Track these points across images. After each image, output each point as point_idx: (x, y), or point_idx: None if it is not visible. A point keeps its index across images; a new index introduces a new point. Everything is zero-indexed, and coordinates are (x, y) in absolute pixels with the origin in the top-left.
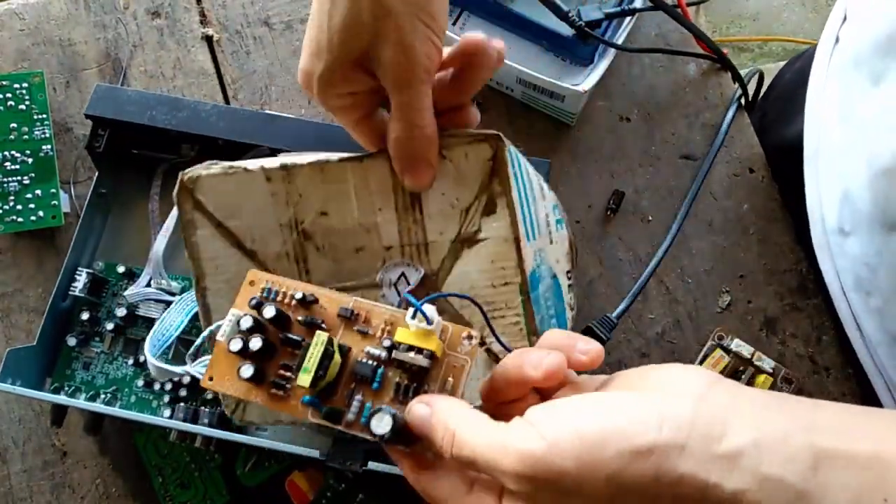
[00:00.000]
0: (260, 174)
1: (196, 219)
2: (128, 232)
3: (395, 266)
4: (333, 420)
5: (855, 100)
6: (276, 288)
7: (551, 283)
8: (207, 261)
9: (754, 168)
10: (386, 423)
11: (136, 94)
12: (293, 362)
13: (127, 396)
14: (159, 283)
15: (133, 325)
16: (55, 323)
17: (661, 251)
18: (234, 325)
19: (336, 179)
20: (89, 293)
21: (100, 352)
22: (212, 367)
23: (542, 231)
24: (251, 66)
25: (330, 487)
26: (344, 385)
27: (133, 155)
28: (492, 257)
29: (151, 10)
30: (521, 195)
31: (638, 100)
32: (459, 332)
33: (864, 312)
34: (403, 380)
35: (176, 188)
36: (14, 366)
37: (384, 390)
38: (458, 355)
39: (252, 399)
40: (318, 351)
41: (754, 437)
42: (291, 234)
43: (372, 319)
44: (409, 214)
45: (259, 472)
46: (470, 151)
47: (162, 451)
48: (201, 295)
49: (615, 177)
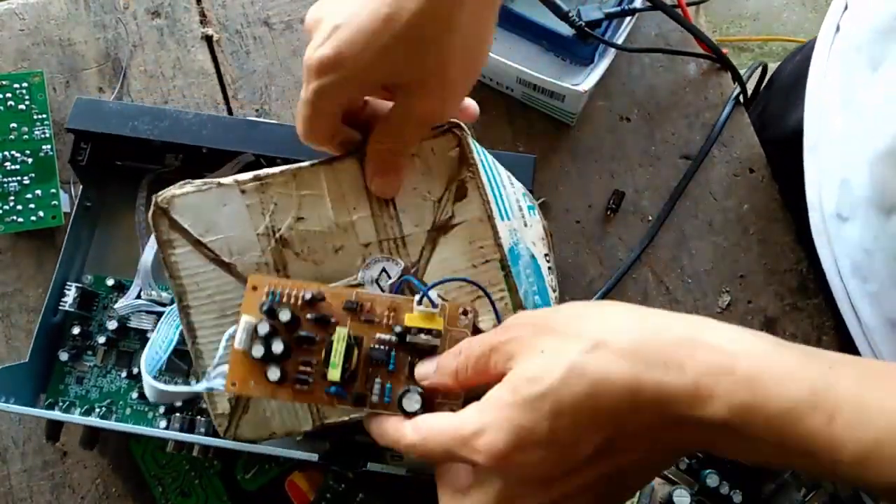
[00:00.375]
0: (234, 187)
1: (173, 238)
2: (115, 244)
3: (375, 262)
4: (360, 403)
5: (856, 86)
6: (280, 290)
7: (530, 261)
8: (188, 278)
9: (754, 168)
10: (416, 401)
11: (117, 105)
12: (311, 358)
13: (122, 409)
14: (149, 295)
15: (125, 337)
16: (47, 338)
17: (646, 240)
18: (251, 331)
19: (309, 184)
20: (79, 307)
21: (93, 365)
22: (232, 373)
23: (515, 213)
24: (251, 65)
25: (330, 488)
26: (362, 371)
27: (117, 166)
28: (469, 238)
29: (151, 9)
30: (489, 178)
31: (638, 100)
32: (456, 308)
33: (861, 298)
34: (414, 359)
35: (150, 211)
36: (7, 383)
37: (399, 370)
38: (458, 329)
39: (278, 397)
40: (341, 346)
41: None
42: (269, 242)
43: (376, 308)
44: (383, 211)
45: (259, 476)
46: (435, 146)
47: (160, 462)
48: (185, 314)
49: (615, 177)
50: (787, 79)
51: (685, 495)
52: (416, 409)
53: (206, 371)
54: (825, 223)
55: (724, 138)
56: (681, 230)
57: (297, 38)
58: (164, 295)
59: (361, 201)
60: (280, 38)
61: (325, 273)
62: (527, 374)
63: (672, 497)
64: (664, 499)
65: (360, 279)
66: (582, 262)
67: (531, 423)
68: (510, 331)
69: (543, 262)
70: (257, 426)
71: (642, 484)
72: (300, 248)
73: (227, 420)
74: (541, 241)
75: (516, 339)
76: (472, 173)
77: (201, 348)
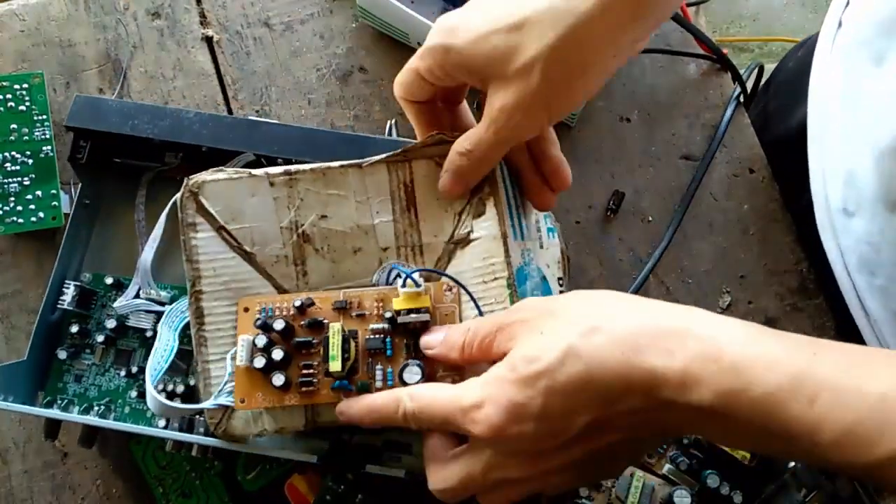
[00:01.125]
0: (264, 179)
1: (198, 221)
2: (114, 242)
3: (391, 267)
4: (365, 391)
5: (859, 81)
6: (270, 305)
7: (540, 282)
8: (205, 263)
9: (754, 168)
10: (416, 372)
11: (116, 103)
12: (312, 361)
13: (121, 408)
14: (148, 294)
15: (124, 336)
16: (45, 336)
17: (660, 251)
18: (250, 347)
19: (336, 184)
20: (78, 305)
21: (91, 364)
22: (239, 391)
23: (532, 235)
24: (251, 66)
25: (329, 489)
26: (362, 362)
27: (116, 164)
28: (482, 254)
29: (151, 10)
30: (507, 196)
31: (638, 100)
32: (441, 286)
33: (868, 292)
34: (410, 340)
35: (181, 192)
36: (5, 381)
37: (397, 354)
38: (446, 305)
39: (287, 403)
40: (337, 339)
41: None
42: (291, 236)
43: (364, 303)
44: (405, 217)
45: (260, 477)
46: None
47: (161, 462)
48: (195, 299)
49: (615, 177)
50: (789, 75)
51: (685, 495)
52: (417, 381)
53: (207, 378)
54: (831, 218)
55: (724, 139)
56: (681, 230)
57: (296, 38)
58: (164, 294)
59: (385, 206)
60: (280, 38)
61: (340, 272)
62: (526, 354)
63: (672, 497)
64: (664, 499)
65: (375, 281)
66: (582, 263)
67: (526, 400)
68: (516, 313)
69: (555, 285)
70: (248, 422)
71: (627, 464)
72: (321, 245)
73: (218, 415)
74: (556, 264)
75: (520, 320)
76: (493, 190)
77: (206, 335)
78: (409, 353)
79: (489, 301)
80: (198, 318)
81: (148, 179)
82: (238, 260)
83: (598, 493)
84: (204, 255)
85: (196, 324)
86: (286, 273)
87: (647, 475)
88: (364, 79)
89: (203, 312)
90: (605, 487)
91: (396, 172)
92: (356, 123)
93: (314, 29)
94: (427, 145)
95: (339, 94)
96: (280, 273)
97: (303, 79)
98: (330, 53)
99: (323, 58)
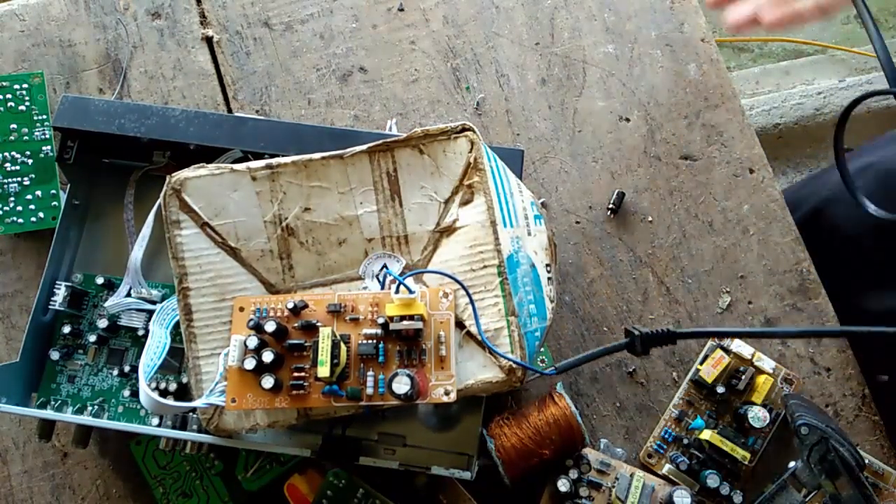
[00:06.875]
0: (246, 174)
1: (182, 219)
2: (104, 242)
3: (377, 258)
4: (356, 398)
5: None
6: (265, 306)
7: (529, 270)
8: (191, 260)
9: (754, 168)
10: (405, 383)
11: (103, 103)
12: (303, 363)
13: (114, 407)
14: (139, 293)
15: (116, 335)
16: (37, 338)
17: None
18: (242, 347)
19: (318, 176)
20: (69, 306)
21: (84, 364)
22: (231, 391)
23: (520, 222)
24: (251, 66)
25: (331, 485)
26: (354, 368)
27: (105, 164)
28: (470, 242)
29: (151, 10)
30: (496, 184)
31: (638, 100)
32: (436, 292)
33: None
34: (402, 347)
35: (164, 190)
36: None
37: (389, 361)
38: (441, 312)
39: (278, 405)
40: (327, 344)
41: None
42: (276, 230)
43: (358, 306)
44: (389, 207)
45: (260, 476)
46: (447, 148)
47: (161, 462)
48: (183, 296)
49: (615, 177)
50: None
51: (685, 495)
52: (406, 392)
53: (198, 373)
54: None
55: (724, 138)
56: (681, 230)
57: (297, 38)
58: (154, 293)
59: (368, 196)
60: (280, 39)
61: (327, 264)
62: None
63: (672, 497)
64: (664, 499)
65: (362, 273)
66: (582, 262)
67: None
68: None
69: (543, 271)
70: (240, 417)
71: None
72: (305, 238)
73: (210, 411)
74: (543, 250)
75: None
76: (480, 178)
77: (196, 331)
78: (402, 360)
79: (479, 289)
80: (186, 315)
81: (136, 178)
82: (223, 256)
83: (598, 493)
84: (189, 251)
85: (185, 320)
86: (272, 267)
87: (647, 475)
88: (364, 79)
89: (191, 309)
90: (605, 487)
91: (379, 162)
92: (356, 123)
93: (314, 29)
94: (411, 138)
95: (339, 94)
96: (266, 267)
97: (303, 79)
98: (330, 53)
99: (323, 58)
